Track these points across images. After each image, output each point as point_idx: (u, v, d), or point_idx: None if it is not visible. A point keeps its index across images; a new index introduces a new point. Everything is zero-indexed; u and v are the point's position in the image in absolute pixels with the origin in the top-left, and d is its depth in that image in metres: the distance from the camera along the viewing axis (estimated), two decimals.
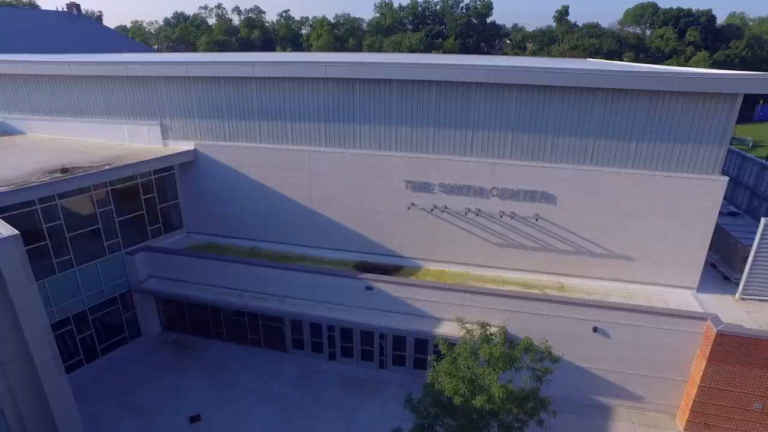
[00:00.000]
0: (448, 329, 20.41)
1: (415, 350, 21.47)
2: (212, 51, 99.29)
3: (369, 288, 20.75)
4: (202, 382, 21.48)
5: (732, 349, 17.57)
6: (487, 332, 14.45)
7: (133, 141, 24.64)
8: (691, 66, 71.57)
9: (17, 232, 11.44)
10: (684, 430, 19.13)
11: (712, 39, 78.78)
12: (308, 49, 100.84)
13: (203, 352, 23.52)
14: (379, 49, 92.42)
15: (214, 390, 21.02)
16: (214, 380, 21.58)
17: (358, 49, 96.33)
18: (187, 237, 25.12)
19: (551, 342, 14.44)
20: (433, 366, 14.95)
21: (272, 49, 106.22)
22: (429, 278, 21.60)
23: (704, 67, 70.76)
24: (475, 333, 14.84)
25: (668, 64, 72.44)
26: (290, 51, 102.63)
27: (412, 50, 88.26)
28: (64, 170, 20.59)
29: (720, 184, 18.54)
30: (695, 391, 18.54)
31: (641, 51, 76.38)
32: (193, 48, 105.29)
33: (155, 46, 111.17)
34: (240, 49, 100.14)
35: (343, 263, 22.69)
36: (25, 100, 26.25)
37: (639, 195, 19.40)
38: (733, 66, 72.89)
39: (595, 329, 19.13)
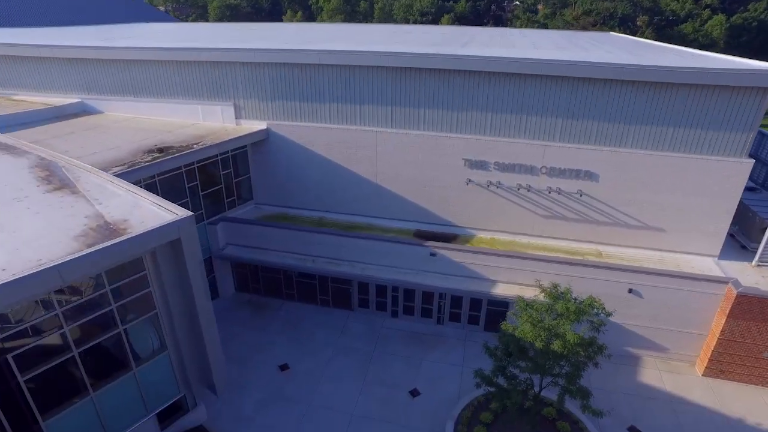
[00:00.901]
0: (502, 290, 23.41)
1: (470, 308, 24.44)
2: (224, 15, 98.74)
3: (433, 254, 23.52)
4: (282, 337, 24.39)
5: (749, 307, 20.61)
6: (559, 291, 17.21)
7: (207, 120, 26.69)
8: (707, 30, 71.68)
9: (191, 212, 13.89)
10: (702, 375, 22.41)
11: (729, 1, 78.35)
12: (318, 12, 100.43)
13: (276, 311, 26.35)
14: (390, 12, 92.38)
15: (294, 344, 23.95)
16: (292, 336, 24.50)
17: (370, 12, 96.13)
18: (256, 208, 27.52)
19: None
20: (516, 318, 17.67)
21: (280, 13, 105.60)
22: (482, 245, 24.30)
23: (720, 31, 71.12)
24: (546, 292, 17.53)
25: (683, 29, 72.95)
26: (300, 15, 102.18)
27: (423, 13, 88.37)
28: (160, 150, 22.76)
29: (746, 166, 21.11)
30: (714, 342, 21.70)
31: (656, 14, 75.89)
32: (204, 11, 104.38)
33: (161, 8, 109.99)
34: (251, 12, 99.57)
35: (403, 231, 25.30)
36: (104, 82, 28.00)
37: (672, 174, 21.91)
38: (750, 30, 73.02)
39: (630, 290, 22.11)
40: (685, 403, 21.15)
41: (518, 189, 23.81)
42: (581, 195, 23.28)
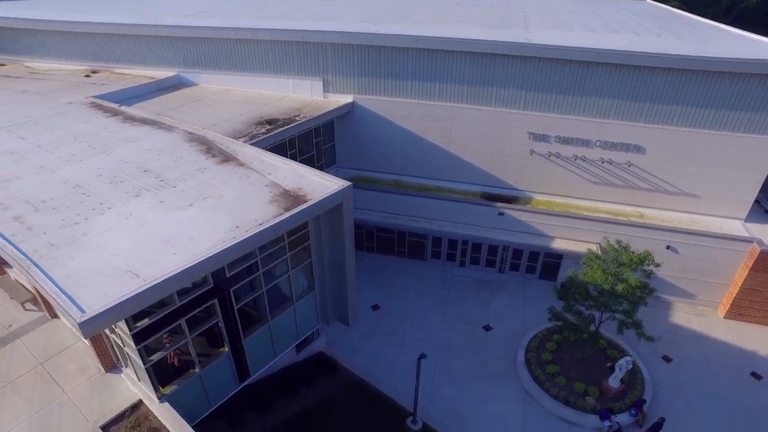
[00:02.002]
0: (556, 244, 27.13)
1: (528, 259, 28.25)
2: None
3: (501, 213, 27.12)
4: (369, 283, 28.30)
5: None
6: (622, 246, 20.90)
7: (296, 93, 29.60)
8: None
9: (350, 183, 17.34)
10: (723, 317, 26.46)
11: None
12: None
13: (359, 261, 30.16)
14: None
15: (380, 288, 27.90)
16: (378, 281, 28.41)
17: None
18: (338, 171, 30.82)
19: None
20: (583, 266, 21.42)
21: None
22: (540, 206, 27.81)
23: None
24: (610, 247, 21.18)
25: None
26: None
27: None
28: (269, 122, 25.92)
29: None
30: (736, 291, 25.59)
31: None
32: None
33: None
34: None
35: (470, 193, 28.73)
36: (199, 57, 30.69)
37: (711, 149, 25.00)
38: None
39: (668, 247, 25.83)
40: (708, 338, 25.29)
41: (574, 159, 27.09)
42: (629, 165, 26.57)
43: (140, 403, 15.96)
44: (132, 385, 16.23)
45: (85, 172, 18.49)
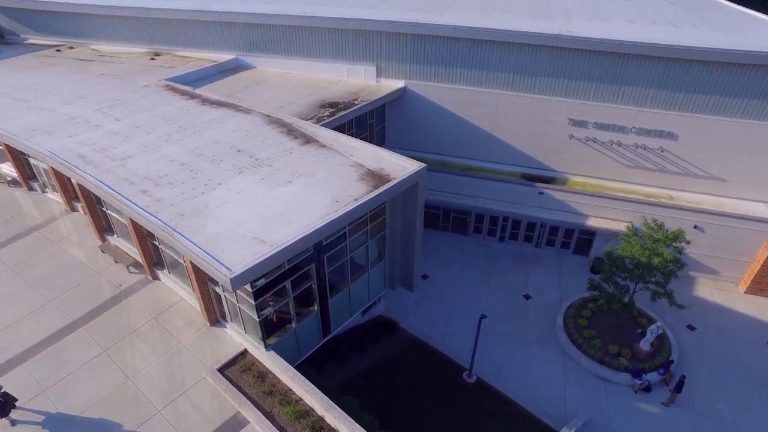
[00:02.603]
0: (591, 222, 29.19)
1: (563, 236, 30.39)
2: None
3: (541, 193, 29.18)
4: None
5: None
6: (657, 224, 22.96)
7: (350, 77, 31.45)
8: None
9: (424, 164, 19.42)
10: (744, 292, 28.57)
11: None
12: None
13: None
14: None
15: (427, 259, 30.13)
16: (424, 253, 30.40)
17: None
18: None
19: None
20: (620, 241, 23.55)
21: None
22: (576, 187, 29.76)
23: None
24: (647, 225, 23.24)
25: None
26: None
27: None
28: (331, 105, 27.92)
29: None
30: (758, 268, 27.62)
31: None
32: None
33: None
34: None
35: (510, 173, 30.71)
36: (258, 42, 32.53)
37: (741, 136, 26.64)
38: None
39: (695, 227, 27.80)
40: (730, 311, 27.47)
41: (610, 144, 28.91)
42: (662, 151, 28.38)
43: (246, 352, 18.46)
44: (237, 337, 18.71)
45: (185, 151, 20.71)
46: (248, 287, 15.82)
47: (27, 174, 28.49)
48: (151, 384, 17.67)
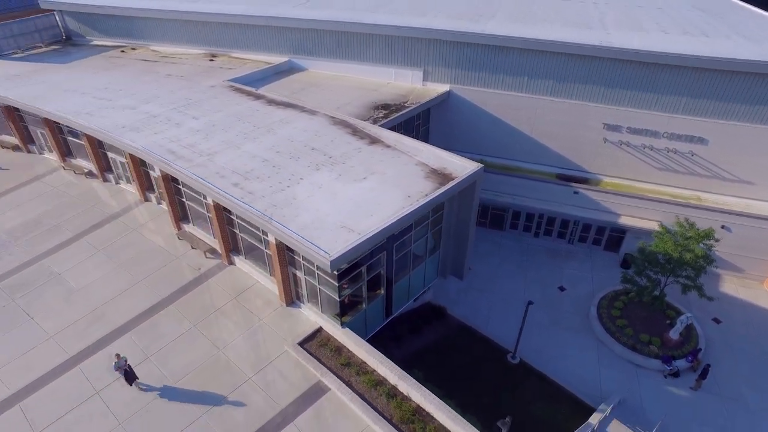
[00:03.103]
0: (622, 220, 30.90)
1: (595, 233, 32.17)
2: None
3: (576, 192, 30.97)
4: None
5: None
6: (689, 222, 24.71)
7: (398, 80, 33.44)
8: None
9: (481, 165, 21.36)
10: (767, 290, 30.22)
11: None
12: None
13: None
14: None
15: None
16: None
17: None
18: None
19: None
20: (653, 239, 25.32)
21: None
22: (608, 187, 31.51)
23: None
24: (679, 224, 24.98)
25: None
26: None
27: None
28: (384, 107, 29.91)
29: None
30: None
31: None
32: None
33: None
34: None
35: (547, 174, 32.56)
36: (309, 46, 34.62)
37: (766, 142, 28.36)
38: None
39: (722, 226, 29.41)
40: (754, 306, 29.07)
41: (643, 148, 30.59)
42: (692, 155, 30.01)
43: (321, 329, 20.62)
44: (312, 316, 20.87)
45: (264, 148, 22.88)
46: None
47: (103, 166, 30.94)
48: (239, 355, 19.94)
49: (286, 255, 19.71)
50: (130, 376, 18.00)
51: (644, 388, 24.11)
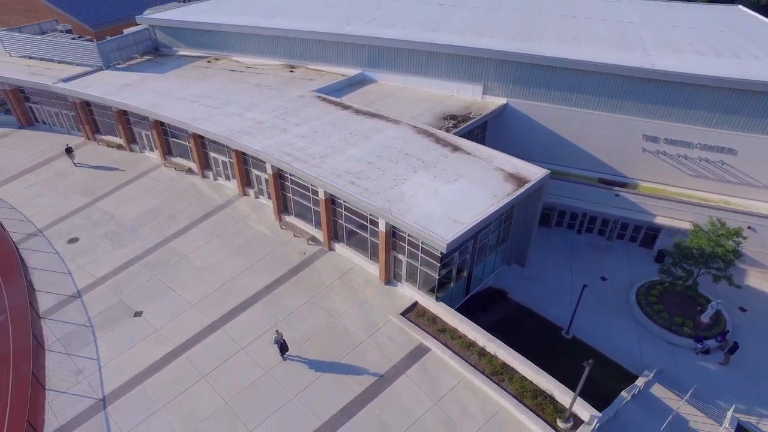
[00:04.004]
0: (657, 220, 34.82)
1: (632, 231, 36.17)
2: None
3: (617, 195, 35.01)
4: None
5: None
6: (721, 221, 28.66)
7: (460, 94, 37.61)
8: None
9: (548, 170, 25.50)
10: None
11: None
12: None
13: None
14: None
15: None
16: None
17: None
18: None
19: None
20: (688, 235, 29.30)
21: None
22: (645, 191, 35.46)
23: None
24: (711, 223, 28.93)
25: None
26: None
27: None
28: (452, 117, 34.14)
29: None
30: None
31: None
32: None
33: None
34: None
35: (590, 178, 36.58)
36: (380, 60, 38.92)
37: None
38: None
39: (749, 227, 33.22)
40: None
41: (678, 157, 34.52)
42: (722, 164, 33.88)
43: (416, 303, 24.97)
44: (408, 292, 25.20)
45: (366, 153, 27.23)
46: (436, 253, 22.28)
47: (204, 164, 35.57)
48: (352, 323, 24.37)
49: (391, 241, 24.06)
50: (283, 349, 22.38)
51: (679, 363, 28.12)
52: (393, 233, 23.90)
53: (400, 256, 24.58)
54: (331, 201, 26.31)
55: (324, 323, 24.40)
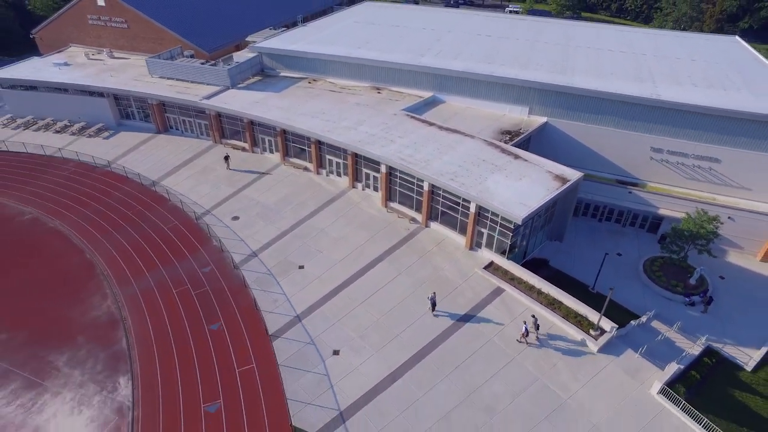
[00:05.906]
0: (660, 211, 46.81)
1: (641, 220, 48.16)
2: None
3: (630, 192, 47.04)
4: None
5: None
6: (704, 211, 40.61)
7: (510, 113, 49.63)
8: None
9: (582, 173, 37.57)
10: (760, 260, 45.48)
11: None
12: None
13: None
14: None
15: None
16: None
17: None
18: None
19: None
20: (681, 221, 41.33)
21: None
22: (652, 189, 47.36)
23: None
24: (698, 212, 40.87)
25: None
26: None
27: None
28: (508, 132, 46.29)
29: None
30: None
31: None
32: None
33: None
34: None
35: (608, 179, 48.49)
36: (447, 86, 51.06)
37: (761, 162, 43.76)
38: None
39: (729, 217, 44.96)
40: (749, 271, 44.18)
41: (677, 164, 46.39)
42: (710, 169, 45.71)
43: (492, 262, 37.19)
44: (486, 255, 37.39)
45: (455, 160, 39.43)
46: (509, 225, 34.52)
47: (319, 164, 48.04)
48: (452, 274, 36.54)
49: (476, 219, 36.35)
50: (434, 305, 34.48)
51: (672, 311, 40.07)
52: (478, 213, 36.14)
53: (482, 229, 36.85)
54: (431, 191, 38.65)
55: (432, 274, 36.79)
